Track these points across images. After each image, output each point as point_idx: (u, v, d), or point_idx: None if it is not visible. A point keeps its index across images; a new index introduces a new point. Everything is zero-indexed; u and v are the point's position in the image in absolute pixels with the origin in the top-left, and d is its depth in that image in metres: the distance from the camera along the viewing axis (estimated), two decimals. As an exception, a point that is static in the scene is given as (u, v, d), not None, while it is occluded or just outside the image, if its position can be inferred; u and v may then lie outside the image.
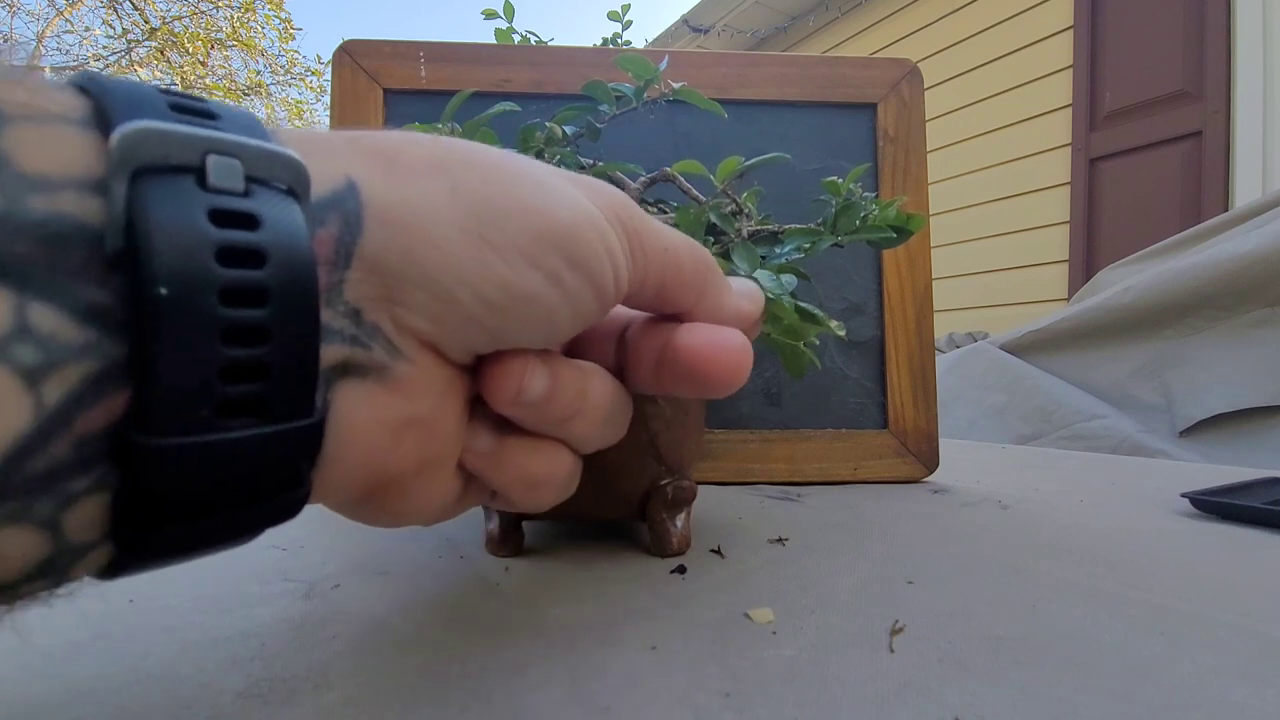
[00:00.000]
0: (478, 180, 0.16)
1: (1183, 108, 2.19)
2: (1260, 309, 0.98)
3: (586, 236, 0.16)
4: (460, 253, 0.15)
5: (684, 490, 0.28)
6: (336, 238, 0.14)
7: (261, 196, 0.12)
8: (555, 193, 0.16)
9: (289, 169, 0.13)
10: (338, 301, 0.14)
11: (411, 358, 0.15)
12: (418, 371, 0.15)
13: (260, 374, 0.12)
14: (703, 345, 0.19)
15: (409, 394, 0.15)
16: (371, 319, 0.14)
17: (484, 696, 0.16)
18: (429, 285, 0.15)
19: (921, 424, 0.46)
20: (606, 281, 0.17)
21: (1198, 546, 0.31)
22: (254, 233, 0.12)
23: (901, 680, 0.17)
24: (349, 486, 0.15)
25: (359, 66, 0.45)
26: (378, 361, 0.15)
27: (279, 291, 0.12)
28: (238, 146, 0.12)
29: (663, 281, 0.19)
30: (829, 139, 0.48)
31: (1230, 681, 0.18)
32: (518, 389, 0.17)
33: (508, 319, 0.16)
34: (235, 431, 0.12)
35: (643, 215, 0.19)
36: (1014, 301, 2.61)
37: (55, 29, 5.73)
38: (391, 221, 0.14)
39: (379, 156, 0.15)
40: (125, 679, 0.17)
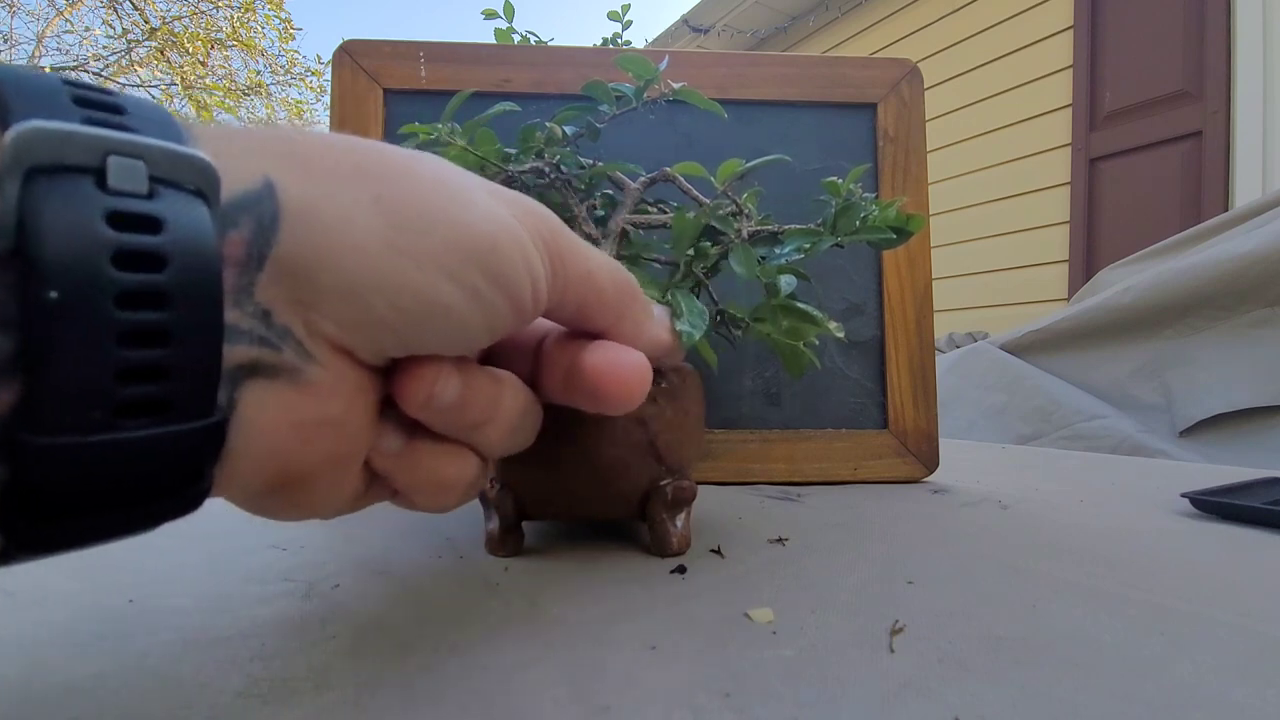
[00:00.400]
0: (402, 190, 0.16)
1: (1183, 108, 2.19)
2: (1260, 309, 0.98)
3: (507, 252, 0.17)
4: (378, 261, 0.15)
5: (684, 490, 0.28)
6: (249, 240, 0.14)
7: (167, 198, 0.12)
8: (478, 207, 0.17)
9: (197, 170, 0.13)
10: (247, 302, 0.14)
11: (323, 361, 0.15)
12: (329, 374, 0.16)
13: (160, 375, 0.12)
14: (604, 365, 0.20)
15: (319, 395, 0.15)
16: (283, 321, 0.14)
17: (484, 696, 0.16)
18: (344, 292, 0.15)
19: (921, 424, 0.46)
20: (524, 296, 0.18)
21: (1198, 546, 0.31)
22: (155, 236, 0.12)
23: (901, 680, 0.17)
24: (254, 482, 0.16)
25: (359, 66, 0.45)
26: (288, 363, 0.15)
27: (180, 295, 0.12)
28: (142, 148, 0.12)
29: (583, 301, 0.20)
30: (829, 139, 0.48)
31: (1230, 681, 0.18)
32: (429, 394, 0.17)
33: (422, 328, 0.16)
34: (131, 431, 0.12)
35: (567, 235, 0.19)
36: (1014, 301, 2.61)
37: (55, 29, 5.73)
38: (309, 226, 0.14)
39: (301, 158, 0.15)
40: (125, 679, 0.17)
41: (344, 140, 0.16)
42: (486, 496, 0.28)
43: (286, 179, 0.14)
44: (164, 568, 0.26)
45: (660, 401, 0.27)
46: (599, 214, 0.32)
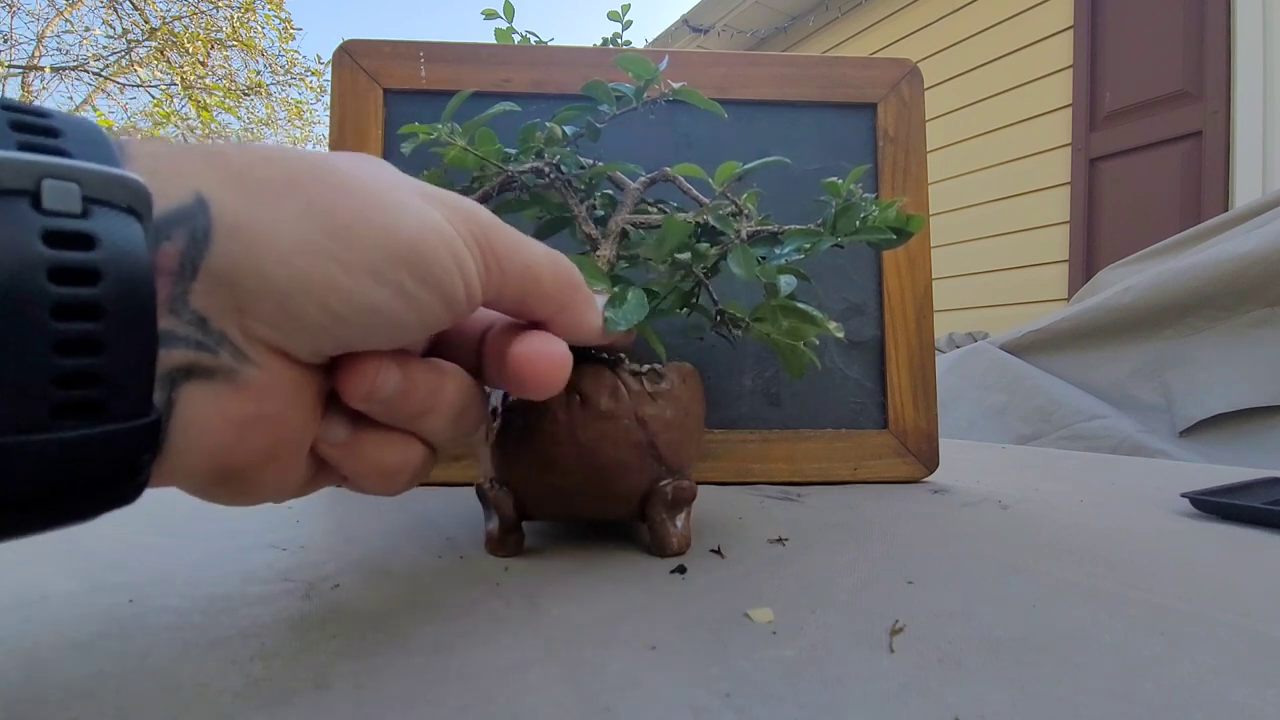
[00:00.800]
0: (329, 199, 0.16)
1: (1183, 108, 2.19)
2: (1260, 309, 0.98)
3: (434, 252, 0.18)
4: (308, 269, 0.16)
5: (684, 490, 0.28)
6: (182, 251, 0.15)
7: (100, 216, 0.13)
8: (405, 210, 0.17)
9: (129, 190, 0.14)
10: (183, 310, 0.15)
11: (259, 362, 0.16)
12: (265, 374, 0.16)
13: (95, 381, 0.13)
14: (526, 353, 0.21)
15: (256, 395, 0.16)
16: (219, 326, 0.15)
17: (484, 696, 0.16)
18: (276, 298, 0.16)
19: (921, 424, 0.46)
20: (456, 294, 0.18)
21: (1198, 546, 0.31)
22: (89, 252, 0.13)
23: (901, 680, 0.17)
24: (196, 475, 0.17)
25: (359, 66, 0.45)
26: (224, 365, 0.16)
27: (113, 306, 0.13)
28: (76, 170, 0.13)
29: (523, 293, 0.21)
30: (829, 139, 0.48)
31: (1230, 681, 0.18)
32: (370, 387, 0.19)
33: (354, 329, 0.17)
34: (69, 431, 0.13)
35: (503, 231, 0.20)
36: (1014, 301, 2.61)
37: (55, 29, 5.73)
38: (241, 237, 0.15)
39: (234, 173, 0.16)
40: (125, 679, 0.17)
41: (279, 152, 0.17)
42: (486, 496, 0.28)
43: (219, 194, 0.15)
44: (164, 568, 0.26)
45: (660, 401, 0.27)
46: (599, 214, 0.32)
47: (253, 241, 0.15)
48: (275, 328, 0.16)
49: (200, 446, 0.16)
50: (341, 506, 0.37)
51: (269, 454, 0.18)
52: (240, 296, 0.15)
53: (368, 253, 0.16)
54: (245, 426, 0.16)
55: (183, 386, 0.15)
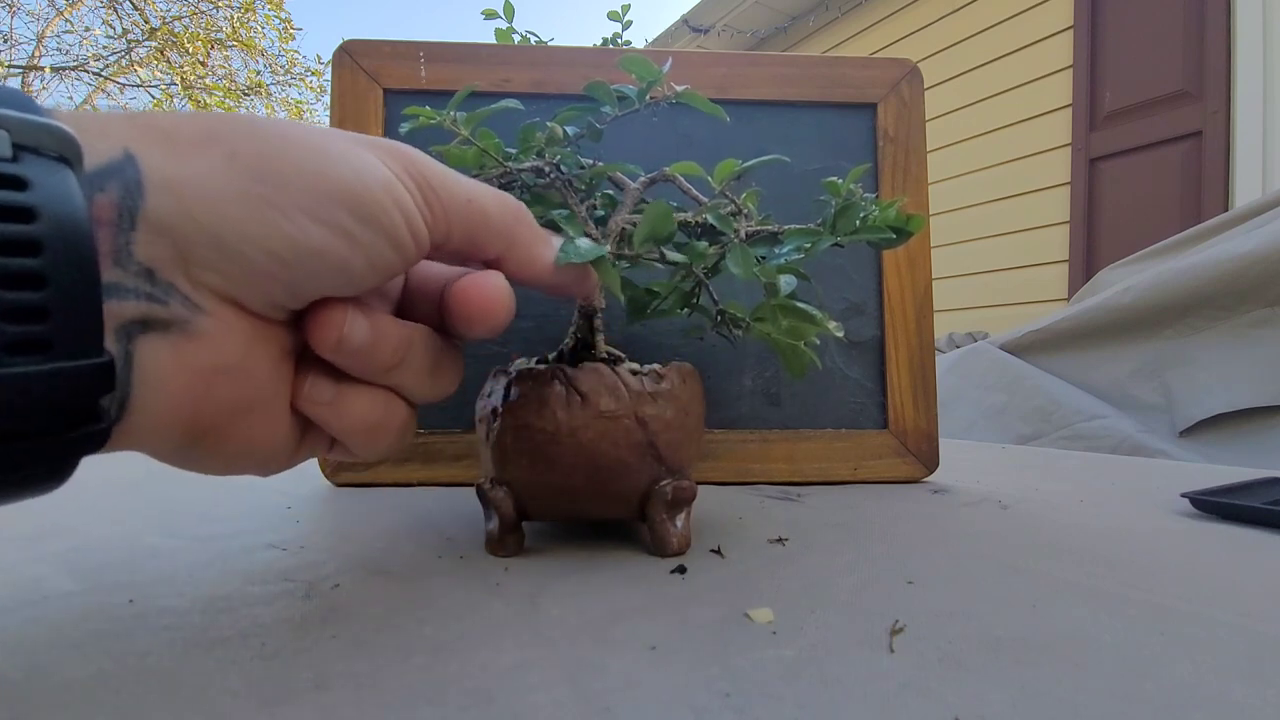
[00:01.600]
0: (255, 146, 0.17)
1: (1183, 108, 2.19)
2: (1260, 309, 0.98)
3: (371, 191, 0.18)
4: (243, 213, 0.16)
5: (684, 490, 0.28)
6: (117, 202, 0.15)
7: (31, 162, 0.13)
8: (335, 153, 0.18)
9: (58, 138, 0.14)
10: (128, 262, 0.15)
11: (212, 312, 0.17)
12: (220, 323, 0.17)
13: (42, 316, 0.13)
14: (463, 285, 0.21)
15: (214, 344, 0.17)
16: (166, 277, 0.16)
17: (484, 696, 0.16)
18: (216, 245, 0.16)
19: (921, 424, 0.46)
20: (399, 231, 0.19)
21: (1198, 546, 0.31)
22: (23, 193, 0.13)
23: (901, 680, 0.17)
24: (167, 432, 0.17)
25: (359, 66, 0.45)
26: (177, 316, 0.16)
27: (52, 242, 0.13)
28: (3, 118, 0.13)
29: (469, 229, 0.21)
30: (829, 139, 0.48)
31: (1230, 681, 0.18)
32: (339, 335, 0.19)
33: (299, 272, 0.17)
34: (19, 367, 0.13)
35: (439, 169, 0.20)
36: (1014, 301, 2.61)
37: (55, 29, 5.73)
38: (173, 189, 0.16)
39: (156, 131, 0.16)
40: (125, 679, 0.17)
41: (203, 114, 0.17)
42: (486, 496, 0.28)
43: (146, 150, 0.16)
44: (164, 568, 0.26)
45: (660, 401, 0.27)
46: (599, 214, 0.32)
47: (183, 191, 0.16)
48: (222, 275, 0.16)
49: (165, 400, 0.16)
50: (341, 506, 0.37)
51: (238, 407, 0.18)
52: (182, 245, 0.16)
53: (301, 195, 0.17)
54: (208, 377, 0.17)
55: (139, 339, 0.15)
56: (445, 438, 0.43)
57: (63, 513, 0.34)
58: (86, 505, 0.35)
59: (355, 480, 0.43)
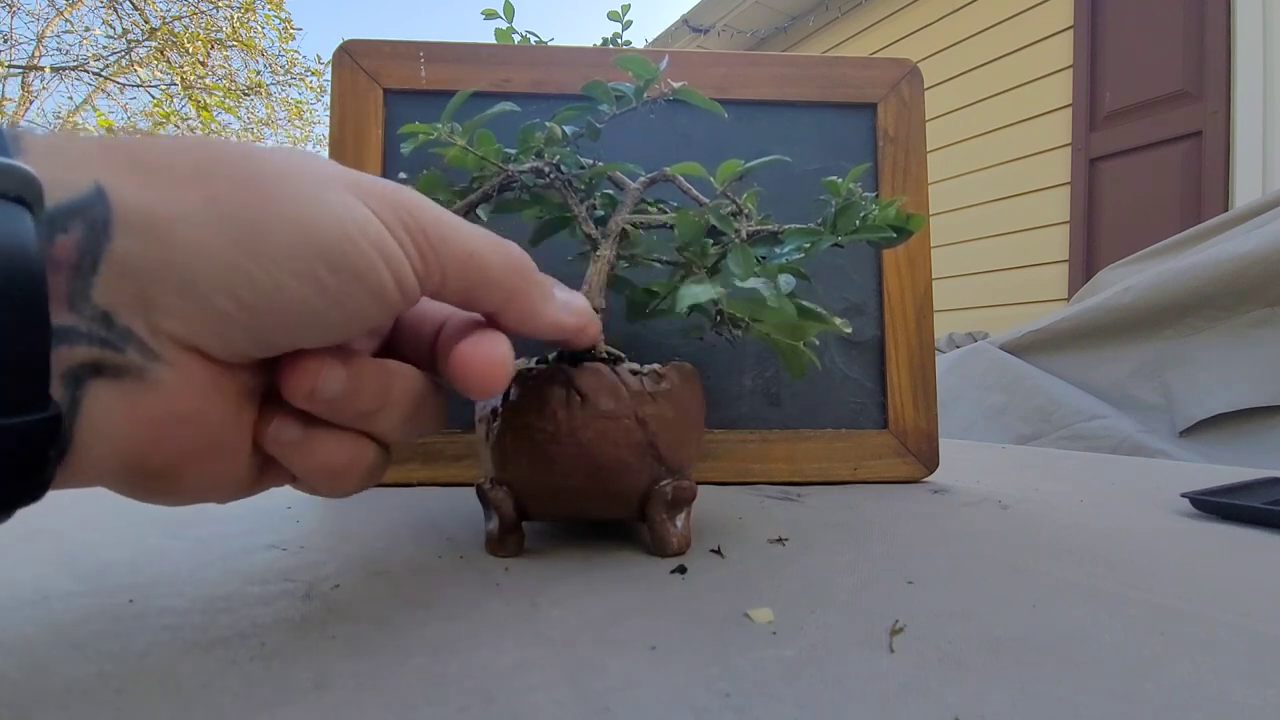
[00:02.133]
0: (237, 189, 0.16)
1: (1183, 108, 2.19)
2: (1260, 309, 0.98)
3: (353, 244, 0.17)
4: (216, 260, 0.15)
5: (684, 490, 0.28)
6: (79, 243, 0.14)
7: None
8: (318, 201, 0.17)
9: (15, 179, 0.13)
10: (84, 305, 0.14)
11: (170, 360, 0.16)
12: (178, 373, 0.16)
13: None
14: (464, 353, 0.20)
15: (169, 394, 0.16)
16: (124, 322, 0.15)
17: (484, 696, 0.16)
18: (184, 291, 0.15)
19: (921, 424, 0.46)
20: (383, 286, 0.18)
21: (1198, 546, 0.31)
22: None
23: (901, 680, 0.17)
24: (112, 475, 0.16)
25: (359, 66, 0.45)
26: (132, 363, 0.15)
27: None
28: None
29: (466, 283, 0.20)
30: (829, 139, 0.48)
31: (1230, 681, 0.18)
32: (312, 387, 0.18)
33: (269, 323, 0.16)
34: None
35: (440, 219, 0.19)
36: (1014, 301, 2.61)
37: (55, 29, 5.73)
38: (144, 228, 0.15)
39: (136, 163, 0.15)
40: (125, 679, 0.17)
41: (191, 142, 0.16)
42: (486, 496, 0.28)
43: (121, 183, 0.15)
44: (164, 568, 0.26)
45: (660, 401, 0.27)
46: (599, 214, 0.32)
47: (155, 232, 0.15)
48: (185, 323, 0.16)
49: (111, 447, 0.15)
50: (341, 507, 0.37)
51: (190, 454, 0.17)
52: (146, 290, 0.15)
53: (279, 244, 0.16)
54: (158, 426, 0.16)
55: (88, 385, 0.15)
56: (445, 438, 0.43)
57: (62, 513, 0.34)
58: (86, 505, 0.35)
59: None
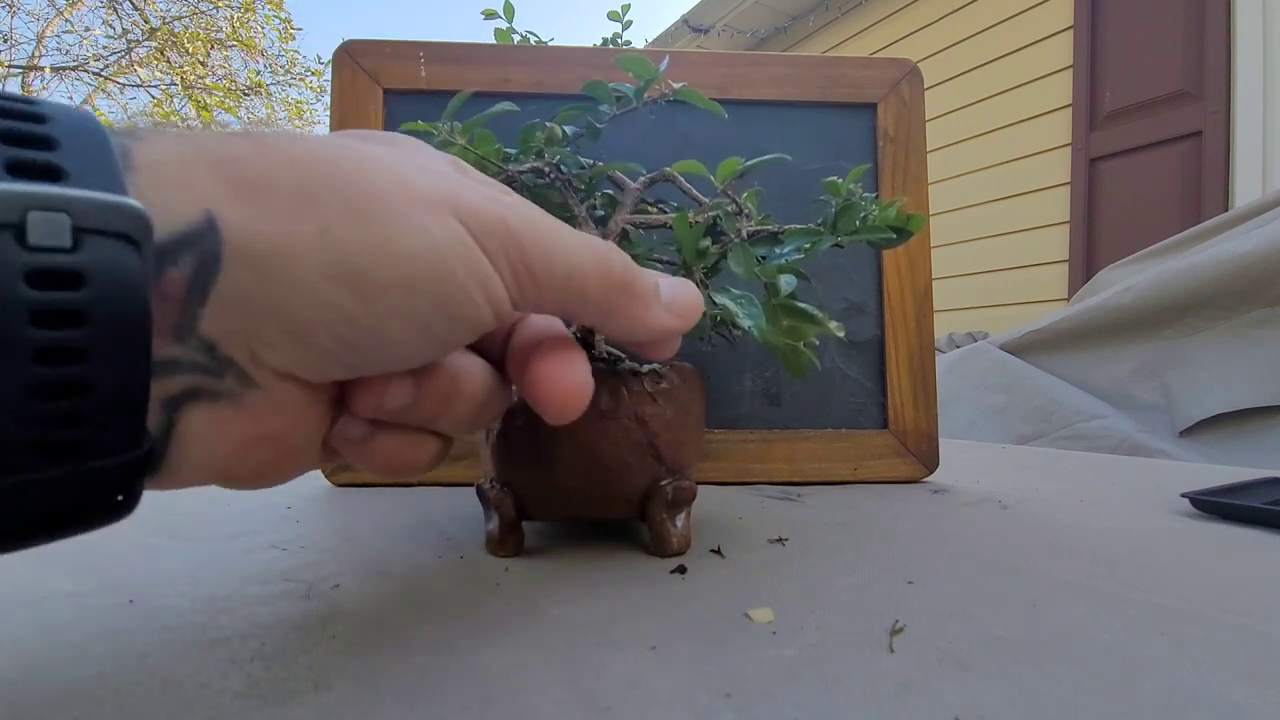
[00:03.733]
0: (348, 219, 0.15)
1: (1183, 108, 2.19)
2: (1260, 309, 0.98)
3: (459, 285, 0.17)
4: (321, 299, 0.15)
5: (684, 490, 0.28)
6: (190, 277, 0.14)
7: (92, 248, 0.12)
8: (425, 234, 0.16)
9: (126, 217, 0.13)
10: (191, 337, 0.14)
11: (266, 385, 0.16)
12: (271, 397, 0.16)
13: (80, 421, 0.12)
14: (545, 376, 0.20)
15: (260, 416, 0.16)
16: (226, 352, 0.15)
17: (484, 696, 0.16)
18: (289, 326, 0.15)
19: (921, 424, 0.46)
20: (479, 315, 0.17)
21: (1198, 546, 0.31)
22: (75, 292, 0.12)
23: (901, 680, 0.17)
24: (196, 482, 0.16)
25: (359, 66, 0.45)
26: (228, 389, 0.15)
27: (100, 347, 0.12)
28: (66, 200, 0.12)
29: (563, 304, 0.19)
30: (829, 139, 0.48)
31: (1230, 681, 0.18)
32: (378, 403, 0.18)
33: (366, 357, 0.16)
34: (53, 470, 0.12)
35: (537, 234, 0.18)
36: (1014, 301, 2.61)
37: (55, 29, 5.73)
38: (255, 263, 0.14)
39: (245, 186, 0.15)
40: (125, 679, 0.17)
41: (300, 148, 0.16)
42: (486, 496, 0.28)
43: (230, 210, 0.14)
44: (164, 568, 0.26)
45: (660, 401, 0.27)
46: (599, 214, 0.32)
47: (265, 266, 0.14)
48: (286, 355, 0.16)
49: (199, 465, 0.16)
50: (341, 506, 0.37)
51: (272, 467, 0.17)
52: (250, 323, 0.15)
53: (384, 285, 0.16)
54: (247, 446, 0.16)
55: (184, 408, 0.15)
56: (445, 438, 0.43)
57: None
58: (86, 505, 0.35)
59: (355, 480, 0.43)
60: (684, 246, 0.28)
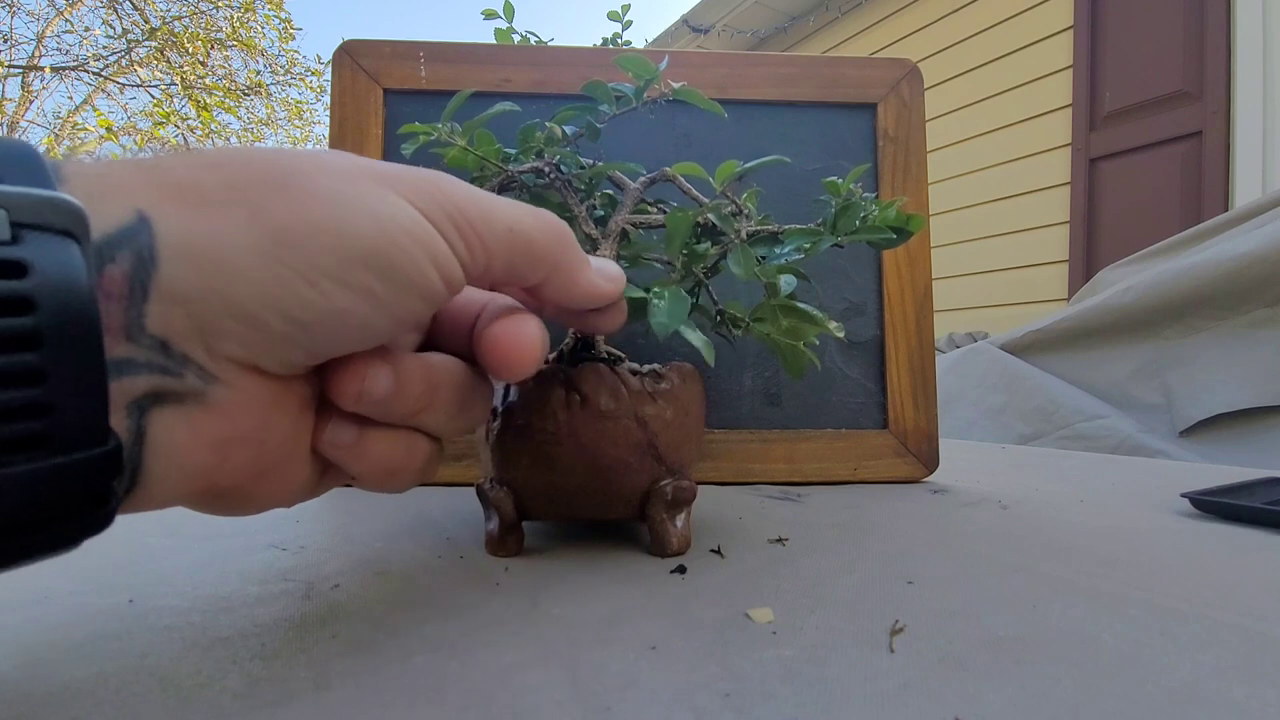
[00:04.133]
0: (277, 204, 0.16)
1: (1183, 108, 2.19)
2: (1260, 309, 0.98)
3: (400, 247, 0.17)
4: (263, 280, 0.15)
5: (684, 490, 0.28)
6: (129, 273, 0.14)
7: (33, 242, 0.12)
8: (360, 207, 0.16)
9: (63, 212, 0.13)
10: (140, 335, 0.14)
11: (229, 381, 0.16)
12: (237, 392, 0.16)
13: (41, 413, 0.13)
14: (498, 334, 0.20)
15: (230, 414, 0.16)
16: (181, 348, 0.15)
17: (484, 696, 0.16)
18: (236, 313, 0.15)
19: (921, 424, 0.46)
20: (430, 283, 0.18)
21: (1198, 546, 0.31)
22: (21, 281, 0.12)
23: (901, 680, 0.17)
24: (183, 498, 0.17)
25: (359, 66, 0.45)
26: (191, 388, 0.15)
27: (52, 333, 0.12)
28: (3, 196, 0.12)
29: (510, 260, 0.20)
30: (829, 139, 0.48)
31: (1230, 681, 0.18)
32: (359, 390, 0.18)
33: (321, 335, 0.16)
34: (18, 465, 0.12)
35: (476, 200, 0.19)
36: (1014, 301, 2.61)
37: (55, 29, 5.72)
38: (190, 255, 0.15)
39: (174, 187, 0.15)
40: (125, 679, 0.17)
41: (226, 156, 0.16)
42: (486, 496, 0.28)
43: (161, 209, 0.15)
44: (164, 568, 0.26)
45: (660, 401, 0.27)
46: (599, 214, 0.32)
47: (201, 257, 0.15)
48: (241, 343, 0.16)
49: (180, 472, 0.16)
50: (341, 506, 0.37)
51: (257, 469, 0.17)
52: (199, 316, 0.15)
53: (325, 257, 0.16)
54: (224, 447, 0.16)
55: (151, 413, 0.15)
56: (445, 438, 0.43)
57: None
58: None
59: (355, 480, 0.42)
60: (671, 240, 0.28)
